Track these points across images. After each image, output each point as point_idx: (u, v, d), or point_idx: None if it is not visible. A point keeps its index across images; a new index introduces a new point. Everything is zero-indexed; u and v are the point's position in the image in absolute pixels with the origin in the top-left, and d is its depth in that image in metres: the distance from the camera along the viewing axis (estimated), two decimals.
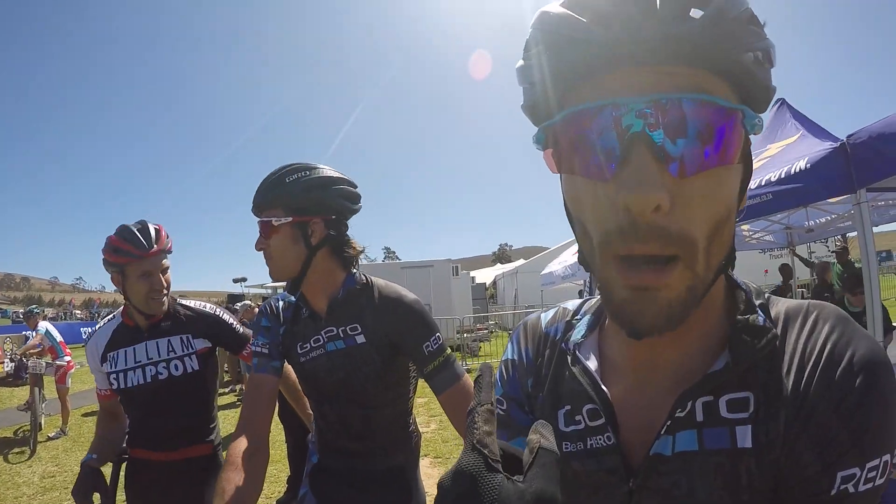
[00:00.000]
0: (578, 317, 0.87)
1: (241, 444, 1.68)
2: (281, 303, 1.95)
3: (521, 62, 0.66)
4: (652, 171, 0.55)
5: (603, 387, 0.74)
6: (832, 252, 9.89)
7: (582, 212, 0.63)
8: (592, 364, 0.77)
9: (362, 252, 1.92)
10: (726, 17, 0.55)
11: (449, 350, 1.82)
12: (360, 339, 1.79)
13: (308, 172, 1.75)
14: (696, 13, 0.55)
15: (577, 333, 0.82)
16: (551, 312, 0.92)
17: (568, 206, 0.67)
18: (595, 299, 0.87)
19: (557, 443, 0.63)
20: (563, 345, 0.83)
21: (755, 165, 5.03)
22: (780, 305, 0.70)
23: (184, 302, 2.62)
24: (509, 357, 0.92)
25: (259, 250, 1.78)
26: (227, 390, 12.23)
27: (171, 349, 2.48)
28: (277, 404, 2.53)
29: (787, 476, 0.61)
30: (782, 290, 10.32)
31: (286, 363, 1.93)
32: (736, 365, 0.64)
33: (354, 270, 1.89)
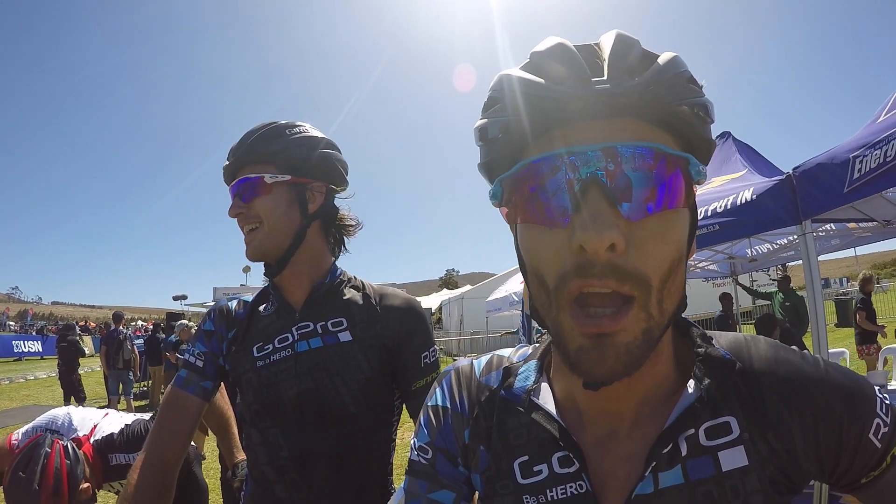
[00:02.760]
0: (517, 361, 0.85)
1: (143, 480, 1.37)
2: (234, 302, 1.58)
3: (479, 122, 0.69)
4: (605, 213, 0.58)
5: (572, 435, 0.72)
6: (773, 280, 10.19)
7: (538, 260, 0.65)
8: (550, 408, 0.75)
9: (357, 229, 1.60)
10: (666, 75, 0.62)
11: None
12: (345, 336, 1.43)
13: (308, 129, 1.46)
14: (639, 73, 0.62)
15: (526, 380, 0.80)
16: (484, 360, 0.89)
17: (523, 257, 0.68)
18: (531, 346, 0.88)
19: (516, 496, 0.74)
20: (503, 392, 0.81)
21: (699, 194, 5.31)
22: (723, 340, 0.75)
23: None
24: (439, 403, 0.87)
25: (236, 216, 1.42)
26: None
27: None
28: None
29: (809, 470, 0.67)
30: (724, 319, 10.59)
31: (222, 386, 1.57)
32: (710, 396, 0.68)
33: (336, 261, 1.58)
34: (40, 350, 31.80)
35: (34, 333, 40.69)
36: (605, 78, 0.61)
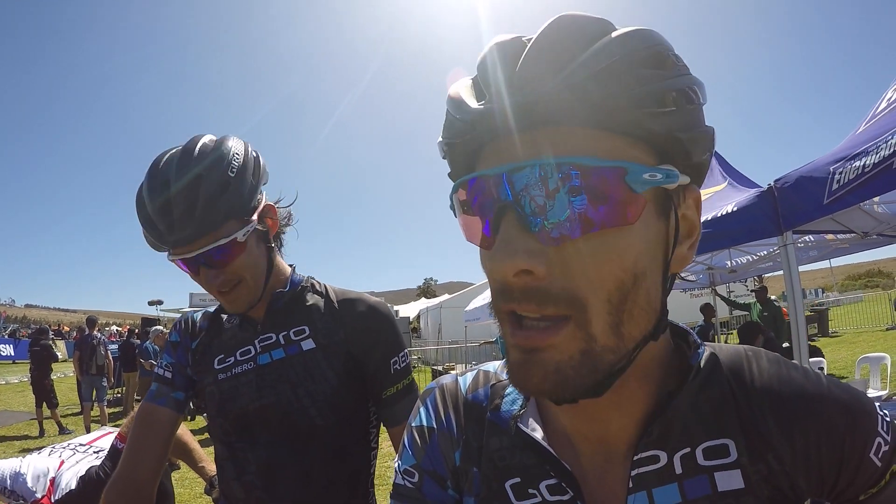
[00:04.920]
0: (504, 378, 0.80)
1: (120, 498, 1.32)
2: (199, 314, 1.53)
3: (439, 136, 0.66)
4: (515, 238, 0.54)
5: (564, 463, 0.68)
6: (751, 291, 10.31)
7: (485, 274, 0.62)
8: (539, 435, 0.70)
9: (289, 218, 1.48)
10: (594, 67, 0.52)
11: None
12: (308, 344, 1.35)
13: (236, 150, 1.28)
14: (565, 69, 0.52)
15: (513, 403, 0.76)
16: (470, 377, 0.84)
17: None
18: None
19: None
20: (490, 415, 0.77)
21: None
22: (723, 354, 0.71)
23: None
24: (424, 424, 0.82)
25: (218, 285, 1.28)
26: None
27: None
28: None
29: (808, 490, 0.65)
30: (704, 329, 10.66)
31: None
32: (705, 414, 0.66)
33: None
34: (12, 354, 31.10)
35: (6, 337, 39.70)
36: (515, 87, 0.54)
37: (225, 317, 1.48)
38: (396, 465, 0.83)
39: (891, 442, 0.66)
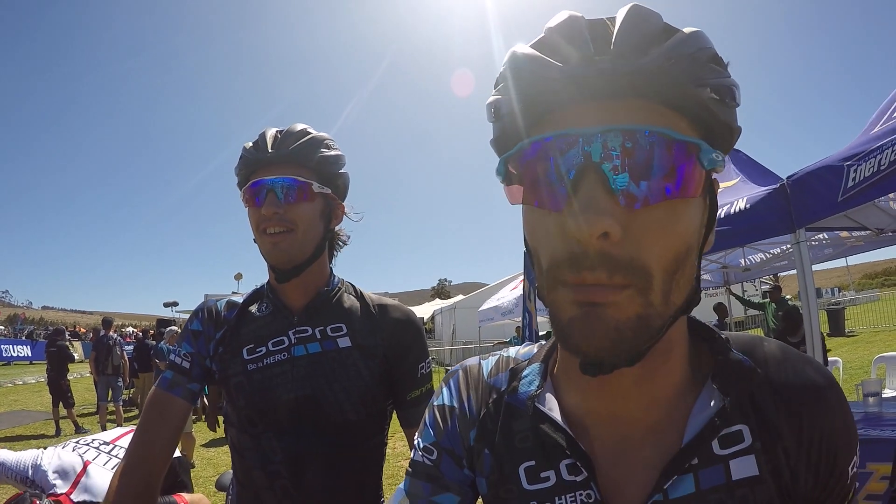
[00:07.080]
0: (521, 360, 0.83)
1: (127, 489, 1.30)
2: (222, 303, 1.52)
3: (490, 98, 0.67)
4: (599, 199, 0.55)
5: (579, 443, 0.69)
6: (765, 292, 10.22)
7: (536, 241, 0.64)
8: (556, 415, 0.72)
9: (344, 245, 1.62)
10: (682, 53, 0.57)
11: None
12: (345, 342, 1.41)
13: (337, 146, 1.49)
14: (652, 50, 0.57)
15: (530, 384, 0.77)
16: (492, 361, 0.86)
17: (526, 237, 0.67)
18: (536, 345, 0.86)
19: (522, 502, 0.72)
20: (507, 398, 0.79)
21: None
22: (738, 342, 0.73)
23: None
24: (446, 403, 0.85)
25: (272, 215, 1.34)
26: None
27: None
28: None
29: (802, 488, 0.65)
30: (719, 329, 10.58)
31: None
32: (733, 406, 0.66)
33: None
34: (29, 355, 31.36)
35: (23, 338, 40.07)
36: (609, 56, 0.57)
37: (254, 308, 1.49)
38: (416, 442, 0.85)
39: (858, 465, 0.69)
